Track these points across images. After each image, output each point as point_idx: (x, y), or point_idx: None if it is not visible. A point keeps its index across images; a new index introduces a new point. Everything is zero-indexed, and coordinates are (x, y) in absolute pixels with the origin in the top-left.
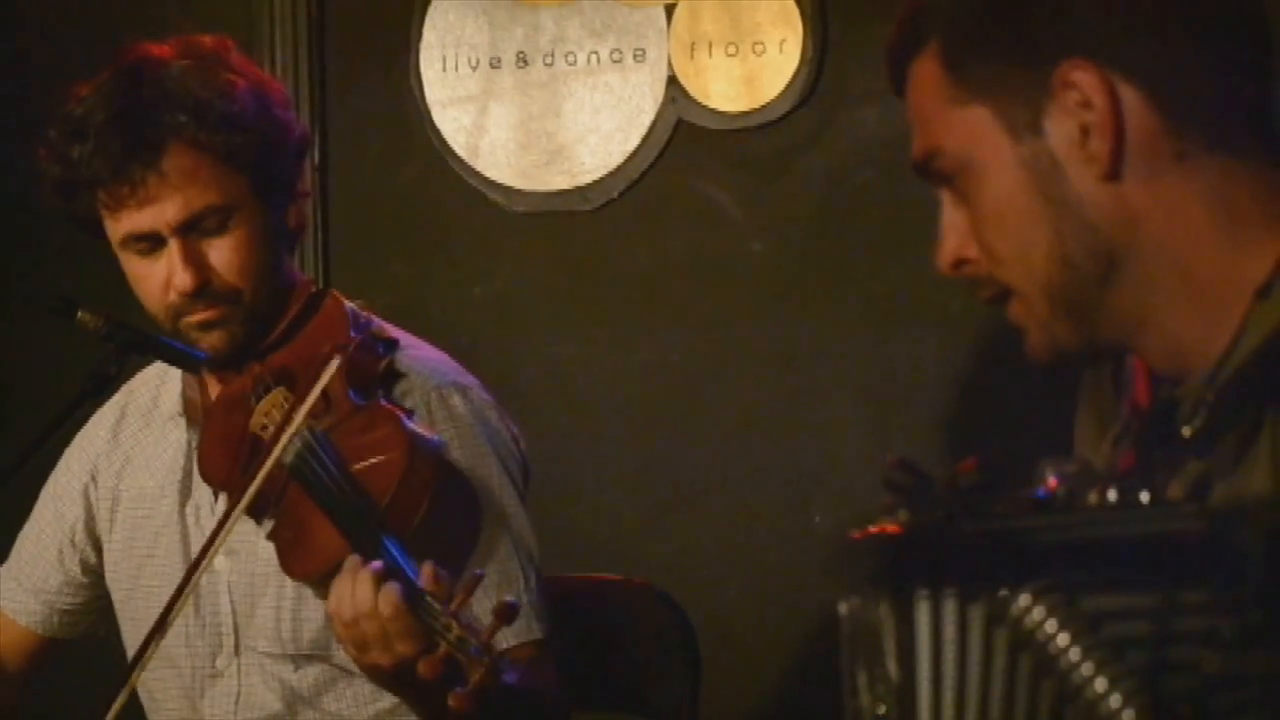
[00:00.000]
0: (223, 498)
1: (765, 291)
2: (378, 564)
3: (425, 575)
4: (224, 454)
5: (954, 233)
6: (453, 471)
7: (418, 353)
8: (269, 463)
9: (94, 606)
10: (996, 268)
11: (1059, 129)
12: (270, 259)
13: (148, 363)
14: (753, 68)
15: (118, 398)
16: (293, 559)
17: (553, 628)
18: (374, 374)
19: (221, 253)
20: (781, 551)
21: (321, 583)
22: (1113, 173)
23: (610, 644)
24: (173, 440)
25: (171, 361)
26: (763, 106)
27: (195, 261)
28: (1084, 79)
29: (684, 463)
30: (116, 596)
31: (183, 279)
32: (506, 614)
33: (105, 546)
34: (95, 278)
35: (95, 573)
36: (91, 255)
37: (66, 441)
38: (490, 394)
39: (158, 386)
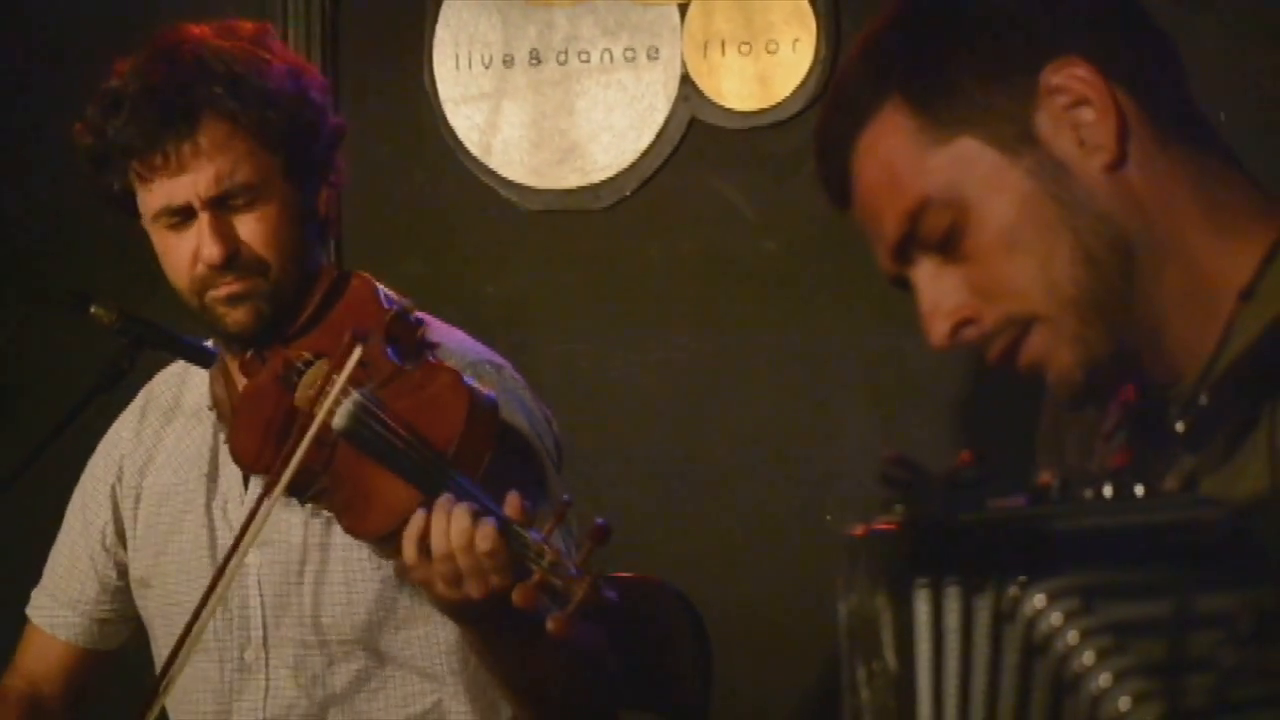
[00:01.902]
0: (254, 485)
1: (778, 290)
2: (471, 503)
3: (511, 504)
4: (261, 437)
5: (950, 296)
6: (507, 429)
7: (449, 333)
8: (313, 430)
9: (133, 613)
10: (1012, 302)
11: (1053, 134)
12: (298, 238)
13: (162, 358)
14: (766, 66)
15: (138, 399)
16: (356, 518)
17: None
18: (413, 339)
19: (250, 226)
20: (794, 549)
21: (389, 538)
22: (1120, 159)
23: (623, 640)
24: (196, 435)
25: (184, 356)
26: (776, 105)
27: (223, 234)
28: (1076, 75)
29: (696, 460)
30: (137, 591)
31: (210, 251)
32: (600, 535)
33: (129, 543)
34: (109, 272)
35: (128, 576)
36: (105, 250)
37: (80, 436)
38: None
39: (179, 385)
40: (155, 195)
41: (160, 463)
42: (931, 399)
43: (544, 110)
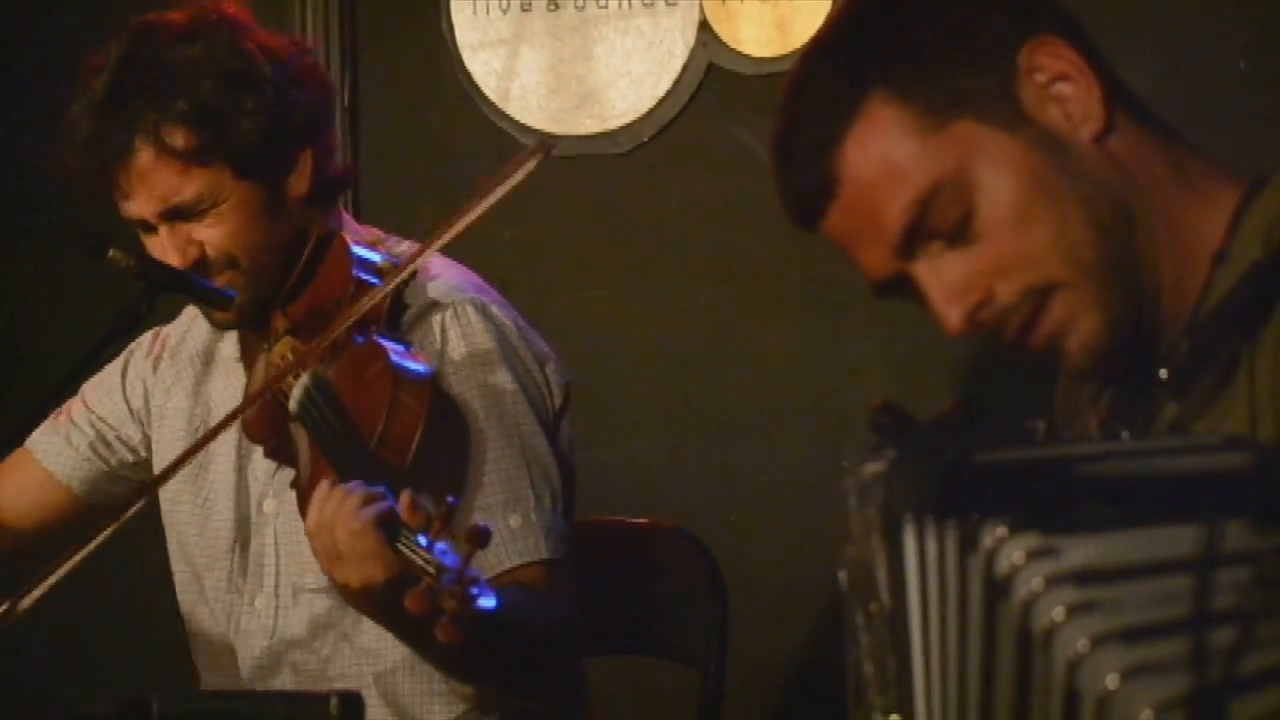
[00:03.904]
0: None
1: (795, 235)
2: (354, 484)
3: (403, 504)
4: (252, 407)
5: (960, 280)
6: (448, 398)
7: (441, 274)
8: (253, 398)
9: (132, 483)
10: (1032, 272)
11: (1040, 110)
12: (265, 228)
13: (179, 301)
14: (784, 12)
15: (183, 319)
16: (305, 505)
17: (566, 548)
18: (378, 311)
19: (209, 231)
20: (809, 495)
21: None
22: (1109, 126)
23: (638, 587)
24: (234, 382)
25: (201, 299)
26: (794, 51)
27: (181, 246)
28: (1054, 52)
29: (713, 406)
30: (169, 520)
31: (172, 262)
32: (478, 539)
33: (154, 452)
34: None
35: (145, 460)
36: None
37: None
38: (515, 311)
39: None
40: (120, 206)
41: (182, 394)
42: (949, 343)
43: (562, 56)
